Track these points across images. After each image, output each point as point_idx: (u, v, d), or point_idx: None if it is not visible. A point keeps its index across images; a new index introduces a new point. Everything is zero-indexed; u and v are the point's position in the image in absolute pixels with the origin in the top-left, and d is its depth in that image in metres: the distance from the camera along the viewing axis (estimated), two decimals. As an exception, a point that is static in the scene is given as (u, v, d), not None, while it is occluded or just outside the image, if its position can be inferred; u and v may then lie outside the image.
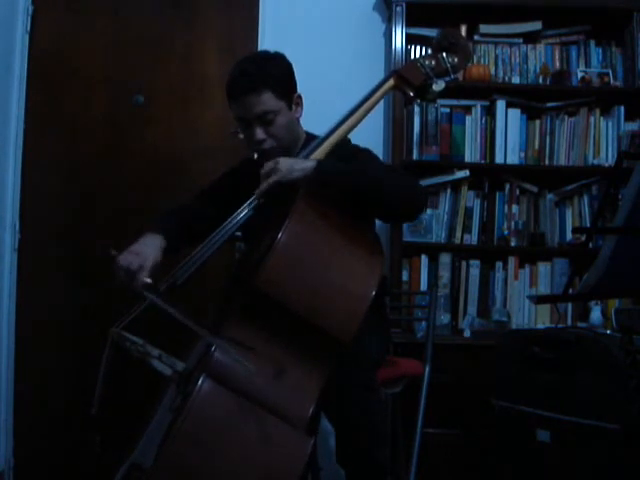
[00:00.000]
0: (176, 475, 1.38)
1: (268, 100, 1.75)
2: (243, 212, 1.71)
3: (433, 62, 1.85)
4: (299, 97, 1.86)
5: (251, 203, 1.70)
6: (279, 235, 1.50)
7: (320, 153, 1.75)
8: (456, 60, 1.85)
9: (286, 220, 1.53)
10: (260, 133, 1.78)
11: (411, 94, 1.85)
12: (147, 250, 1.69)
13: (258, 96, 1.74)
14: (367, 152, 1.88)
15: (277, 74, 1.78)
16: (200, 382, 1.41)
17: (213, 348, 1.49)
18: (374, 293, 1.54)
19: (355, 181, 1.65)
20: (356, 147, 1.89)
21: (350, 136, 1.85)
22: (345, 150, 1.83)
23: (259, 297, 1.50)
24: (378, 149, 2.84)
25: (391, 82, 1.85)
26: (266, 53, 1.86)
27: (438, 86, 1.84)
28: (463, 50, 1.88)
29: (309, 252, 1.55)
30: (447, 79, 1.86)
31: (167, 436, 1.40)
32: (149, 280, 1.62)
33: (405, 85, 1.85)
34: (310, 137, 1.86)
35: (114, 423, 1.71)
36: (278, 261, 1.50)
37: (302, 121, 1.94)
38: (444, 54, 1.86)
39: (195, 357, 1.66)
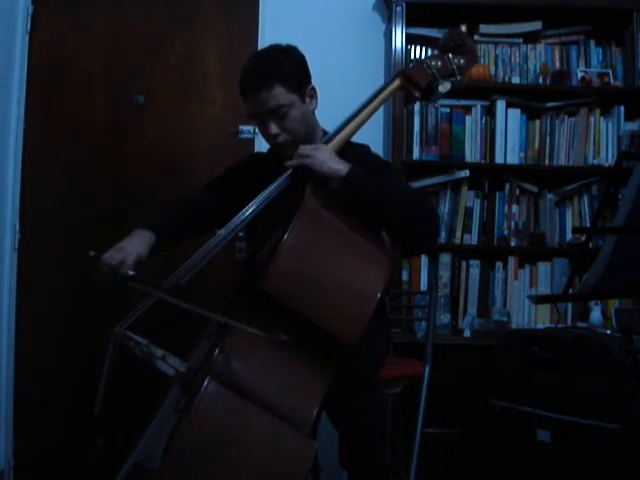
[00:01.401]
0: (182, 476, 1.38)
1: (280, 94, 1.74)
2: (250, 210, 1.70)
3: (439, 63, 1.83)
4: (313, 89, 1.84)
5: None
6: (285, 236, 1.50)
7: None
8: (462, 61, 1.84)
9: (292, 220, 1.52)
10: (274, 128, 1.77)
11: (417, 95, 1.85)
12: (130, 246, 1.71)
13: (269, 91, 1.74)
14: (391, 170, 1.88)
15: (287, 67, 1.77)
16: (205, 384, 1.41)
17: (217, 350, 1.48)
18: (380, 294, 1.54)
19: (379, 204, 1.65)
20: (378, 160, 1.88)
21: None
22: (364, 158, 1.82)
23: (265, 298, 1.49)
24: (378, 149, 2.84)
25: (397, 82, 1.84)
26: (277, 47, 1.85)
27: (444, 87, 1.83)
28: (470, 51, 1.87)
29: (316, 253, 1.54)
30: (453, 80, 1.85)
31: (173, 437, 1.41)
32: (131, 273, 1.63)
33: (411, 86, 1.84)
34: (325, 134, 1.86)
35: (116, 423, 1.71)
36: (284, 262, 1.49)
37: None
38: (450, 55, 1.84)
39: (198, 358, 1.66)
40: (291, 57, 1.82)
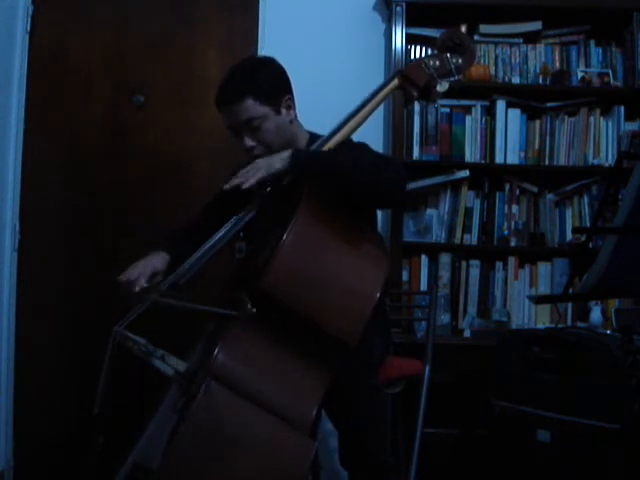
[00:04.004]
0: (182, 476, 1.38)
1: (251, 107, 1.75)
2: (246, 216, 1.70)
3: (437, 62, 1.83)
4: (289, 99, 1.83)
5: (247, 209, 1.70)
6: (284, 236, 1.50)
7: None
8: (460, 61, 1.84)
9: (291, 221, 1.52)
10: (248, 140, 1.78)
11: (415, 94, 1.84)
12: (146, 262, 1.76)
13: (240, 104, 1.74)
14: (359, 144, 1.86)
15: (259, 80, 1.77)
16: (205, 384, 1.41)
17: (216, 350, 1.48)
18: (379, 294, 1.54)
19: (330, 162, 1.64)
20: (351, 143, 1.87)
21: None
22: (342, 147, 1.82)
23: (264, 298, 1.50)
24: (378, 149, 2.82)
25: (395, 82, 1.84)
26: (252, 59, 1.86)
27: (442, 87, 1.83)
28: (468, 51, 1.86)
29: (315, 252, 1.55)
30: (451, 80, 1.85)
31: (172, 437, 1.41)
32: (146, 284, 1.69)
33: (409, 85, 1.84)
34: (315, 137, 1.85)
35: (116, 423, 1.71)
36: (283, 262, 1.49)
37: (302, 121, 1.93)
38: (448, 54, 1.84)
39: (197, 358, 1.66)
40: (265, 69, 1.81)
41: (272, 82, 1.80)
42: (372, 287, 1.54)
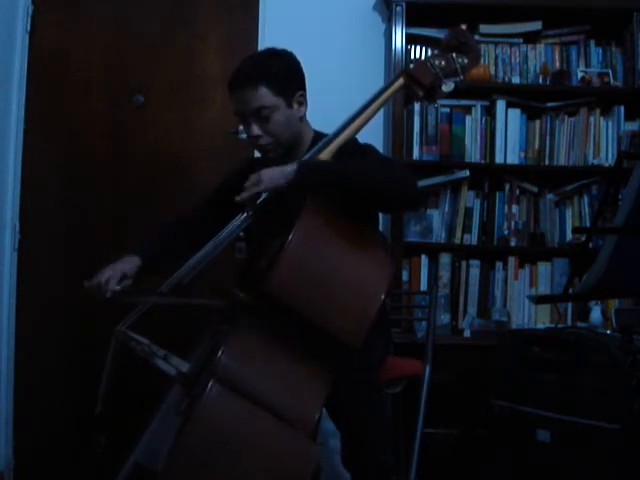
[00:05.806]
0: (185, 478, 1.38)
1: (264, 96, 1.74)
2: (244, 216, 1.70)
3: (443, 62, 1.81)
4: (302, 96, 1.83)
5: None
6: (289, 238, 1.49)
7: (328, 153, 1.73)
8: (466, 61, 1.82)
9: (295, 223, 1.52)
10: (256, 129, 1.77)
11: (420, 94, 1.83)
12: (115, 265, 1.77)
13: (254, 91, 1.73)
14: (366, 147, 1.85)
15: (276, 70, 1.76)
16: (209, 386, 1.41)
17: (220, 352, 1.48)
18: (384, 295, 1.54)
19: (336, 176, 1.63)
20: (357, 144, 1.86)
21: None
22: (348, 148, 1.81)
23: (268, 300, 1.49)
24: (378, 149, 2.84)
25: (401, 81, 1.83)
26: (271, 50, 1.84)
27: (447, 87, 1.81)
28: (473, 51, 1.85)
29: (320, 255, 1.54)
30: (456, 80, 1.84)
31: (177, 439, 1.41)
32: (118, 287, 1.70)
33: (415, 85, 1.82)
34: (320, 136, 1.83)
35: (117, 423, 1.72)
36: (288, 264, 1.49)
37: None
38: (454, 54, 1.83)
39: (200, 358, 1.66)
40: (282, 61, 1.81)
41: (288, 74, 1.79)
42: (377, 289, 1.54)
